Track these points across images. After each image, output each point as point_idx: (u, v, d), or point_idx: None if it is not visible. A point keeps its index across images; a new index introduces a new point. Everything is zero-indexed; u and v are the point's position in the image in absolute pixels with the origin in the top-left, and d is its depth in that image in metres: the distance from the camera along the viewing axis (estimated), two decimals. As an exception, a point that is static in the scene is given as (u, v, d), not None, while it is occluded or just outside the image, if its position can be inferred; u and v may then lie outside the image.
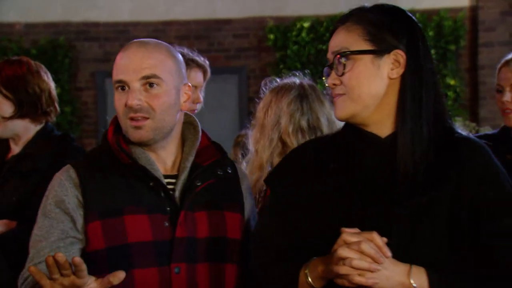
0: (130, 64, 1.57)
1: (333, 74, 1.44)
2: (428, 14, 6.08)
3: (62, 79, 6.17)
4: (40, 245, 1.57)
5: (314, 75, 2.77)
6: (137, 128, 1.58)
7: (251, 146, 2.18)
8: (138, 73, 1.56)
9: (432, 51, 5.89)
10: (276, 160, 2.10)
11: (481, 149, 1.43)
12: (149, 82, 1.57)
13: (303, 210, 1.45)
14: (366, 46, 1.41)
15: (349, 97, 1.42)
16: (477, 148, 1.43)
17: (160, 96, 1.58)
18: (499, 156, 2.18)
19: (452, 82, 6.01)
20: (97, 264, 1.56)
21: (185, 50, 2.46)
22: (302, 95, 2.14)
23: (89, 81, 6.63)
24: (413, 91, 1.41)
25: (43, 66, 2.35)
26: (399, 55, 1.41)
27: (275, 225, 1.50)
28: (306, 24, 6.23)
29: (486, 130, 5.05)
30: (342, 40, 1.44)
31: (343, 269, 1.25)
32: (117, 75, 1.59)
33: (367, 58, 1.42)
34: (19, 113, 2.24)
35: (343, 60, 1.42)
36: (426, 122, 1.40)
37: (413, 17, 1.46)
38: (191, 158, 1.65)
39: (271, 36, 6.29)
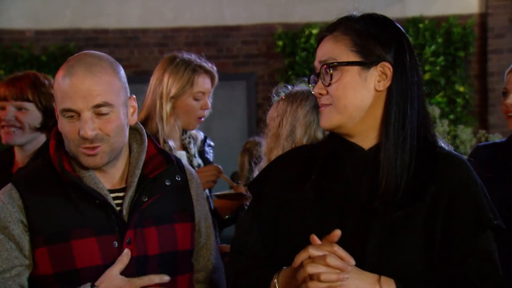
0: (78, 92, 1.48)
1: (319, 83, 1.43)
2: (437, 21, 6.07)
3: (71, 86, 6.16)
4: None
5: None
6: (91, 155, 1.52)
7: (264, 155, 2.18)
8: (89, 101, 1.48)
9: (441, 58, 5.97)
10: None
11: (461, 164, 1.42)
12: (100, 110, 1.49)
13: (282, 218, 1.45)
14: (353, 58, 1.40)
15: (335, 107, 1.42)
16: (457, 164, 1.42)
17: (113, 121, 1.51)
18: (508, 163, 2.17)
19: (461, 89, 5.99)
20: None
21: (193, 56, 2.47)
22: (318, 106, 2.11)
23: (98, 88, 6.56)
24: (398, 104, 1.40)
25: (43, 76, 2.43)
26: (386, 67, 1.40)
27: (254, 232, 1.50)
28: (314, 31, 6.20)
29: (496, 137, 5.03)
30: (329, 50, 1.42)
31: (312, 285, 1.25)
32: (64, 103, 1.49)
33: (354, 69, 1.40)
34: (45, 126, 2.31)
35: (330, 70, 1.40)
36: (410, 136, 1.39)
37: (401, 28, 1.45)
38: (137, 172, 1.59)
39: (280, 43, 6.28)
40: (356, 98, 1.40)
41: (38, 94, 2.29)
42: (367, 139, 1.43)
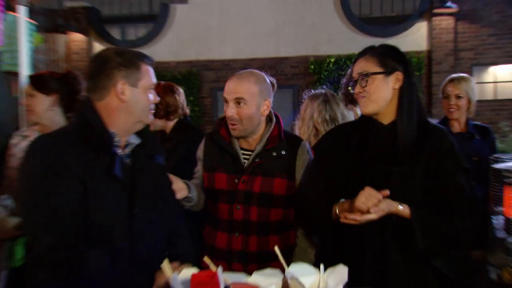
0: (228, 88, 2.05)
1: (358, 86, 1.88)
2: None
3: (194, 92, 8.51)
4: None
5: (336, 89, 3.77)
6: (232, 129, 2.08)
7: (296, 131, 2.68)
8: (233, 94, 2.04)
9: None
10: (312, 139, 2.63)
11: (445, 133, 1.87)
12: (238, 101, 2.02)
13: (335, 169, 1.92)
14: (379, 69, 1.85)
15: (369, 99, 1.88)
16: (443, 133, 1.87)
17: (244, 110, 2.04)
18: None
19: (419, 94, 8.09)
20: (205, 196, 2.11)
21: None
22: (326, 100, 2.71)
23: (209, 93, 8.71)
24: (407, 97, 1.86)
25: (175, 86, 2.96)
26: (399, 74, 1.86)
27: (318, 176, 1.96)
28: (332, 60, 8.37)
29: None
30: (363, 66, 1.88)
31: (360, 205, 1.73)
32: (224, 93, 2.06)
33: (380, 76, 1.86)
34: (165, 115, 2.81)
35: (365, 78, 1.85)
36: (415, 116, 1.84)
37: (405, 54, 1.92)
38: (261, 144, 2.10)
39: (312, 67, 8.41)
40: (382, 93, 1.83)
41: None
42: (386, 118, 1.86)
